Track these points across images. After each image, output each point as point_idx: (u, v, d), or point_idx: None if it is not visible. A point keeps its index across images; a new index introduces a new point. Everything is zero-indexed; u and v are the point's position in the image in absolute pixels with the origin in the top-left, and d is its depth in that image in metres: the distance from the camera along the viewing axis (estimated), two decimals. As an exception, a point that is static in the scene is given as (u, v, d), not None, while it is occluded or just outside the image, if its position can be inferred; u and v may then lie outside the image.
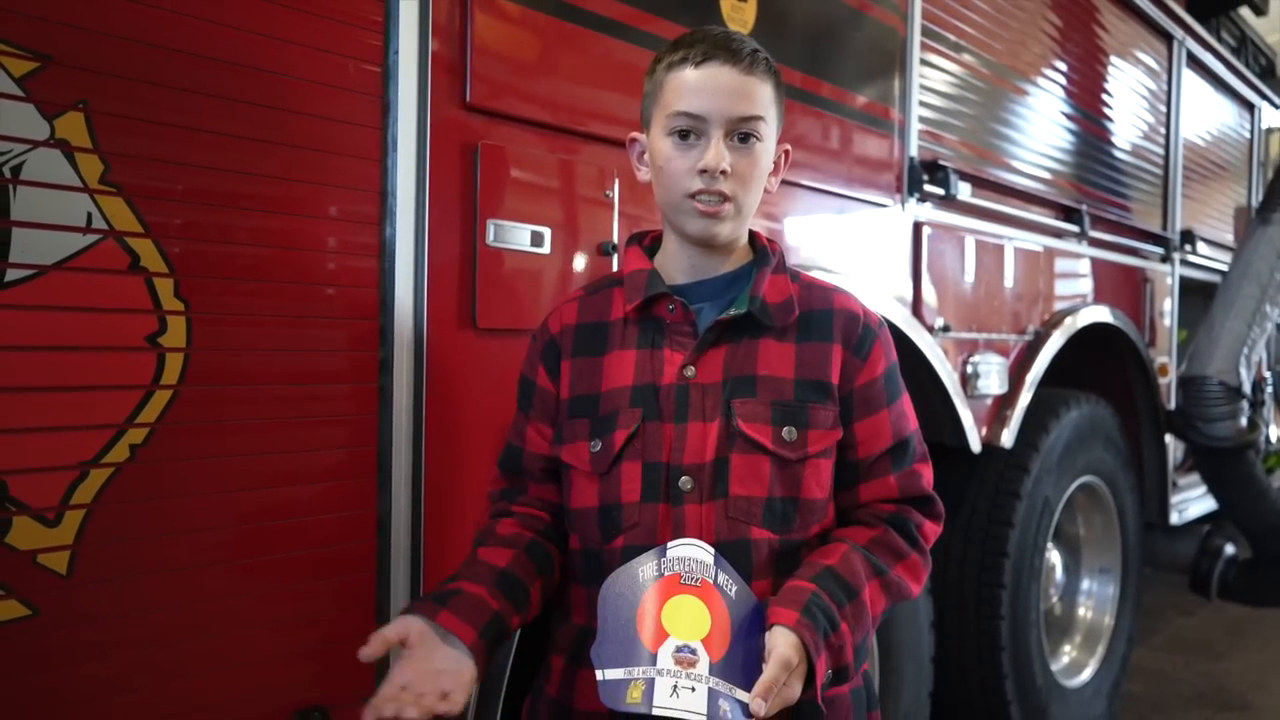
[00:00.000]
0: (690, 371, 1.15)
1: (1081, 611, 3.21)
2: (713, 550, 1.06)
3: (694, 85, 1.12)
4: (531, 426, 1.25)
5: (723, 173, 1.11)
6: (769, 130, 1.16)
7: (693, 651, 0.98)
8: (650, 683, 0.97)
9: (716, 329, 1.16)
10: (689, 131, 1.12)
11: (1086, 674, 3.06)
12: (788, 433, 1.13)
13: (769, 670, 0.98)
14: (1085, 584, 3.23)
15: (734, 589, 1.04)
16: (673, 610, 1.01)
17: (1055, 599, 3.09)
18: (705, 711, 0.95)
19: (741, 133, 1.13)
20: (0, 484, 1.00)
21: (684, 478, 1.12)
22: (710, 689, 0.96)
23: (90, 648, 1.08)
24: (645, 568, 1.05)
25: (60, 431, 1.04)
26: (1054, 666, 2.91)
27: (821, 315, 1.19)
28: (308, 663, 1.27)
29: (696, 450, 1.13)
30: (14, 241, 1.00)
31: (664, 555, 1.05)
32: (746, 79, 1.13)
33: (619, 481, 1.14)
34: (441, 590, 1.12)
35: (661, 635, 1.00)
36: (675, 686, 0.96)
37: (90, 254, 1.05)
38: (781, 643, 1.00)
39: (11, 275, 1.00)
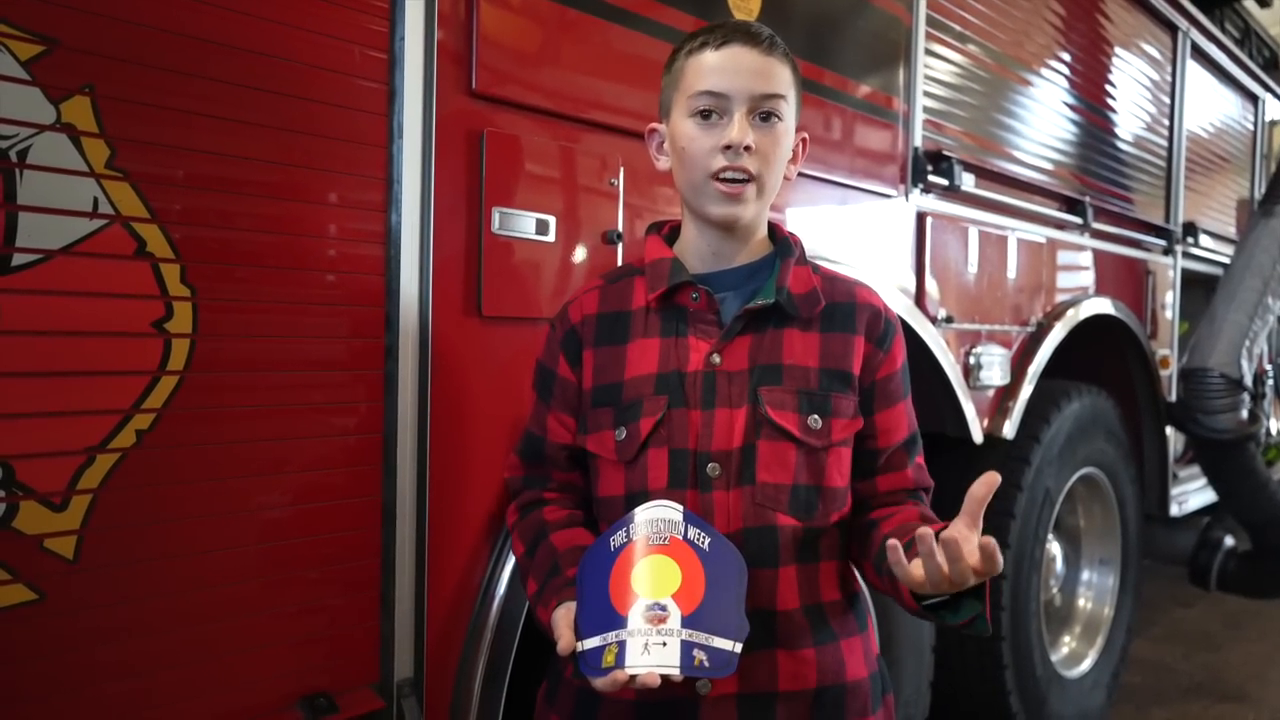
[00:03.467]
0: (716, 359, 1.16)
1: (1081, 602, 3.21)
2: (681, 507, 1.06)
3: (716, 65, 1.13)
4: (552, 416, 1.26)
5: (746, 149, 1.11)
6: (789, 111, 1.17)
7: (663, 608, 0.99)
8: (621, 645, 0.97)
9: (744, 318, 1.16)
10: (711, 111, 1.13)
11: (1086, 665, 3.07)
12: (813, 421, 1.14)
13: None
14: (1085, 575, 3.24)
15: (707, 541, 1.04)
16: (642, 572, 1.02)
17: (1055, 590, 3.10)
18: (678, 664, 0.95)
19: (763, 111, 1.13)
20: (7, 469, 1.00)
21: (711, 464, 1.13)
22: (683, 641, 0.97)
23: (96, 632, 1.08)
24: (615, 537, 1.06)
25: (67, 416, 1.04)
26: (1053, 657, 2.91)
27: (845, 307, 1.20)
28: (313, 649, 1.27)
29: (724, 437, 1.13)
30: (20, 226, 1.00)
31: (632, 521, 1.06)
32: (767, 59, 1.14)
33: (645, 469, 1.15)
34: (564, 582, 1.12)
35: (631, 597, 1.00)
36: (646, 644, 0.97)
37: (96, 239, 1.05)
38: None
39: (18, 260, 0.99)
